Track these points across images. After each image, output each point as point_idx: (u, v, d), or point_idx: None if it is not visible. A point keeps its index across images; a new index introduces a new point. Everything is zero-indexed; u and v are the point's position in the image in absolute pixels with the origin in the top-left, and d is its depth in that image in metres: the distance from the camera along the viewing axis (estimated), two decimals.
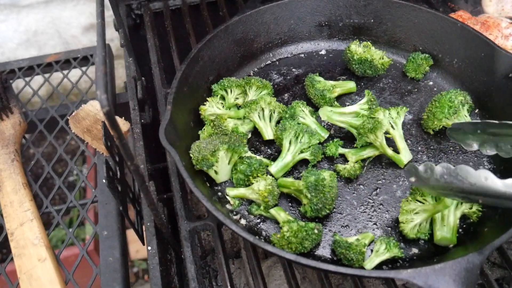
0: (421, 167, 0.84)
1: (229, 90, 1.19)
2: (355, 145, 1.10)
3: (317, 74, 1.24)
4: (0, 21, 2.60)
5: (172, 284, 1.11)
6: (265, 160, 1.10)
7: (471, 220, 0.99)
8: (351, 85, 1.24)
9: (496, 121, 0.92)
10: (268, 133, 1.13)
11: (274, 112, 1.15)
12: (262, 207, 1.00)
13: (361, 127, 1.07)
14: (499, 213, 0.95)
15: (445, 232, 0.95)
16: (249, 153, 1.10)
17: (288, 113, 1.12)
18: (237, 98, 1.20)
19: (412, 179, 0.86)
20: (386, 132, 1.07)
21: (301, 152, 1.07)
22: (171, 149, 0.94)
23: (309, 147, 1.07)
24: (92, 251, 1.39)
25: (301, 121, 1.13)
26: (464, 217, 1.00)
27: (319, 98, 1.18)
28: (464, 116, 1.13)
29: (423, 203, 0.95)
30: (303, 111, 1.14)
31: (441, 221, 0.96)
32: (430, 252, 0.95)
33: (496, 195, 0.75)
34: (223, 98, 1.20)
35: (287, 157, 1.06)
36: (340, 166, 1.08)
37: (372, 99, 1.14)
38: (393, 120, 1.09)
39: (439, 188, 0.83)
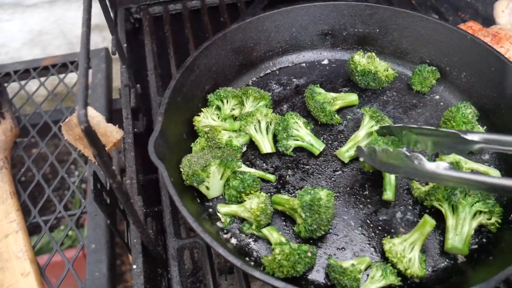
0: (365, 149, 0.98)
1: (225, 101, 1.14)
2: None
3: (318, 85, 1.19)
4: (5, 21, 2.58)
5: None
6: (260, 173, 1.05)
7: (490, 235, 0.94)
8: (353, 97, 1.19)
9: (413, 125, 1.00)
10: (265, 147, 1.09)
11: (271, 124, 1.10)
12: (254, 226, 0.95)
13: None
14: None
15: (456, 241, 0.90)
16: (243, 168, 1.05)
17: (281, 125, 1.07)
18: (233, 109, 1.15)
19: (361, 159, 1.01)
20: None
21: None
22: (160, 164, 0.89)
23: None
24: (81, 262, 1.35)
25: (295, 134, 1.08)
26: (482, 231, 0.95)
27: (318, 110, 1.13)
28: (478, 128, 1.09)
29: (405, 235, 0.92)
30: (296, 123, 1.09)
31: (454, 230, 0.92)
32: (431, 280, 0.89)
33: (430, 175, 0.85)
34: (218, 108, 1.15)
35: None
36: (416, 184, 1.02)
37: (373, 114, 1.08)
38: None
39: (380, 165, 0.96)
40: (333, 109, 1.15)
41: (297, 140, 1.09)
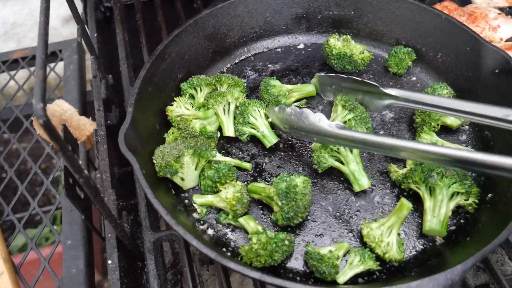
0: (276, 108, 1.02)
1: (198, 89, 1.12)
2: None
3: (275, 77, 1.16)
4: None
5: None
6: (236, 162, 1.03)
7: (467, 216, 0.94)
8: (310, 88, 1.15)
9: (347, 76, 1.08)
10: (229, 130, 1.07)
11: None
12: (230, 216, 0.94)
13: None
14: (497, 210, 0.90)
15: (434, 223, 0.90)
16: (218, 156, 1.03)
17: (239, 109, 1.05)
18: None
19: (269, 119, 1.05)
20: None
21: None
22: (131, 156, 0.87)
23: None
24: (59, 259, 1.32)
25: (252, 121, 1.05)
26: (459, 212, 0.95)
27: (274, 104, 1.10)
28: None
29: (382, 219, 0.91)
30: (257, 111, 1.06)
31: (432, 212, 0.91)
32: (409, 263, 0.89)
33: (324, 133, 0.92)
34: (192, 97, 1.12)
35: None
36: (393, 167, 1.01)
37: (345, 103, 1.04)
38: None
39: (288, 126, 1.00)
40: (289, 102, 1.12)
41: (253, 128, 1.07)
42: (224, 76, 1.11)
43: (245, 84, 1.17)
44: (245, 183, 1.01)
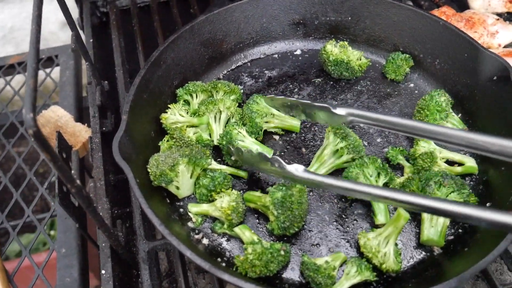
0: (232, 149, 0.97)
1: (194, 95, 1.11)
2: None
3: (264, 96, 1.09)
4: None
5: None
6: (231, 170, 1.02)
7: (466, 225, 0.93)
8: (294, 123, 1.09)
9: (302, 101, 0.99)
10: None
11: (232, 118, 1.07)
12: (226, 225, 0.93)
13: (418, 168, 0.98)
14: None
15: (432, 233, 0.89)
16: (214, 164, 1.02)
17: (224, 139, 1.00)
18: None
19: (233, 157, 1.00)
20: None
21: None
22: (125, 165, 0.86)
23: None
24: (53, 267, 1.31)
25: (241, 144, 1.01)
26: (457, 222, 0.94)
27: (247, 119, 1.06)
28: (452, 116, 1.07)
29: (379, 229, 0.89)
30: (240, 133, 1.03)
31: (430, 222, 0.90)
32: (407, 274, 0.88)
33: (285, 176, 0.88)
34: (187, 104, 1.11)
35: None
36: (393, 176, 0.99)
37: (337, 130, 0.99)
38: None
39: (250, 166, 0.99)
40: (263, 126, 1.07)
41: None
42: (220, 83, 1.10)
43: (241, 91, 1.16)
44: (241, 191, 1.00)
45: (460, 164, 1.01)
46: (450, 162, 1.01)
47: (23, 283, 1.06)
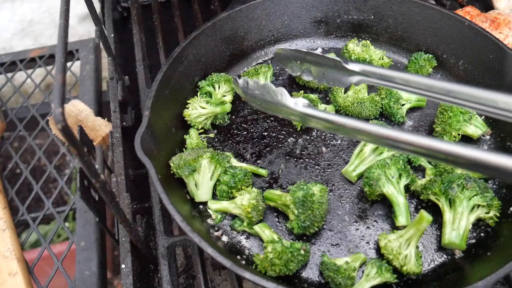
0: (240, 80, 1.00)
1: (217, 86, 1.11)
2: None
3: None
4: None
5: None
6: (252, 168, 1.02)
7: (488, 229, 0.91)
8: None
9: (309, 51, 1.04)
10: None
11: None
12: (245, 223, 0.93)
13: (440, 170, 0.97)
14: None
15: (453, 236, 0.88)
16: (234, 162, 1.02)
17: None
18: (224, 95, 1.12)
19: (236, 90, 1.04)
20: None
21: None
22: (147, 161, 0.86)
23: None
24: (71, 259, 1.33)
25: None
26: (480, 225, 0.92)
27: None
28: (476, 118, 1.05)
29: (400, 231, 0.89)
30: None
31: (452, 225, 0.89)
32: (428, 276, 0.87)
33: (289, 111, 0.87)
34: (209, 95, 1.11)
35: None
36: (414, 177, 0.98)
37: None
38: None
39: (252, 99, 0.98)
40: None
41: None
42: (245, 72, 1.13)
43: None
44: (261, 189, 0.99)
45: None
46: None
47: (39, 275, 1.07)
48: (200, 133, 1.09)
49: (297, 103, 0.85)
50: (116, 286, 2.19)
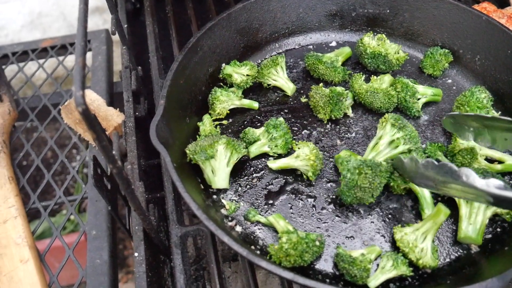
0: (406, 160, 0.88)
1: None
2: None
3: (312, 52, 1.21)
4: (3, 2, 2.53)
5: (165, 286, 1.03)
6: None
7: (505, 224, 0.91)
8: (346, 50, 1.21)
9: (488, 115, 0.93)
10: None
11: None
12: (310, 173, 0.96)
13: (458, 164, 0.96)
14: None
15: (470, 231, 0.87)
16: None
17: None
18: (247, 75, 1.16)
19: (397, 174, 0.93)
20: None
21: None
22: (162, 149, 0.86)
23: None
24: (82, 248, 1.33)
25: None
26: (496, 220, 0.92)
27: (331, 70, 1.14)
28: (493, 114, 1.06)
29: (416, 224, 0.88)
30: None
31: (468, 219, 0.89)
32: (443, 270, 0.86)
33: (478, 194, 0.74)
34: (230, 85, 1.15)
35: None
36: None
37: (395, 121, 0.98)
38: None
39: (422, 180, 0.86)
40: (340, 65, 1.17)
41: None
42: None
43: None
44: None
45: (500, 162, 0.98)
46: (490, 160, 0.99)
47: (50, 262, 1.07)
48: (214, 120, 1.08)
49: (489, 185, 0.72)
50: (121, 280, 2.19)
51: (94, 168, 0.94)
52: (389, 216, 0.94)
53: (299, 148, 0.99)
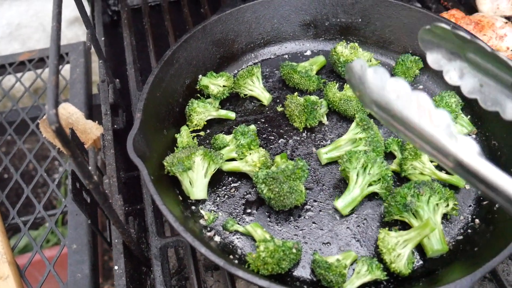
0: (369, 70, 0.61)
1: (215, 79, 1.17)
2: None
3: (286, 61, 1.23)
4: None
5: None
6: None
7: (474, 226, 0.94)
8: (321, 59, 1.24)
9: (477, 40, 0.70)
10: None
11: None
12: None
13: (402, 160, 0.99)
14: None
15: (434, 244, 0.89)
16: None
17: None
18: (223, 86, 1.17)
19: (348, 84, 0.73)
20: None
21: (370, 185, 0.97)
22: (140, 162, 0.87)
23: (379, 179, 0.96)
24: (63, 262, 1.33)
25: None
26: (468, 222, 0.96)
27: (306, 79, 1.17)
28: (462, 118, 1.09)
29: (402, 231, 0.90)
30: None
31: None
32: (417, 273, 0.89)
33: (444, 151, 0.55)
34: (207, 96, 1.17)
35: (355, 191, 0.96)
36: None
37: (360, 121, 1.02)
38: None
39: (380, 108, 0.61)
40: (314, 74, 1.20)
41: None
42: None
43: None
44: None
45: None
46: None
47: (30, 279, 1.07)
48: (191, 131, 1.10)
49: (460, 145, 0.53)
50: None
51: (73, 183, 0.95)
52: (364, 221, 0.96)
53: (250, 154, 1.01)
